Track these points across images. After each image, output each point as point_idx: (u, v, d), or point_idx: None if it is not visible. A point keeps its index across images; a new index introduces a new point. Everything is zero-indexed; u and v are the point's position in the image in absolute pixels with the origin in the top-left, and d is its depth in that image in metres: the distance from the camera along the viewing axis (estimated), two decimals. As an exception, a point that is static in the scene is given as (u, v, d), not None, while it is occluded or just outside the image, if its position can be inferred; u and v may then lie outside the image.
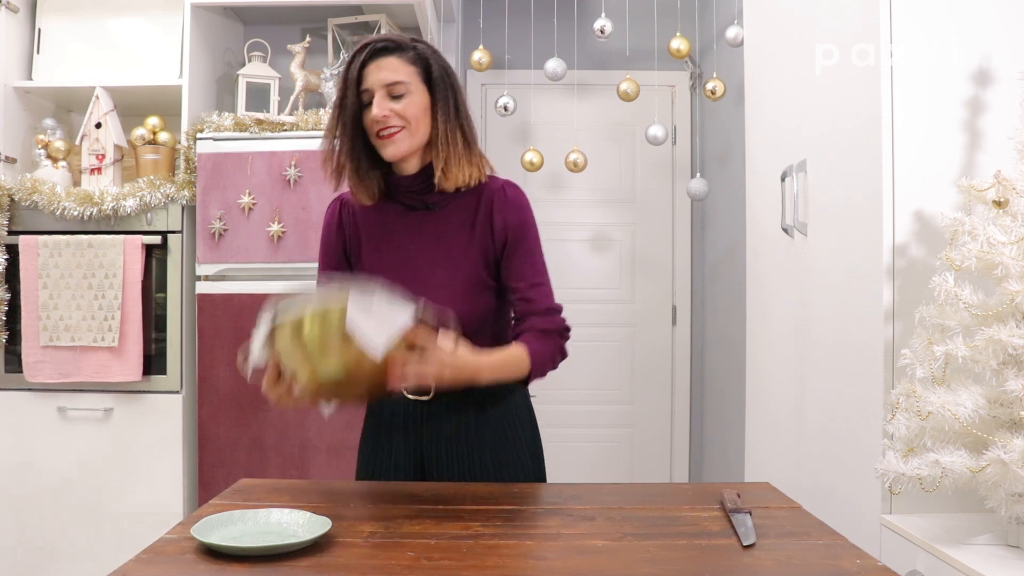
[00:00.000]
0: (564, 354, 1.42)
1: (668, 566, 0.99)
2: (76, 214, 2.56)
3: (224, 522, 1.09)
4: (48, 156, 2.71)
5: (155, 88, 2.75)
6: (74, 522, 2.58)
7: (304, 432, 2.56)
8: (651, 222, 3.77)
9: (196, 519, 1.11)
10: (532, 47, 3.40)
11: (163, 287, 2.62)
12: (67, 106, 2.97)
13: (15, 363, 2.61)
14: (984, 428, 1.11)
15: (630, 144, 3.75)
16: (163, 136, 2.76)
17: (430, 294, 1.33)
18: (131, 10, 2.80)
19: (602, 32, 3.11)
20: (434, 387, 1.19)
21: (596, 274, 3.75)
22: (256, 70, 2.76)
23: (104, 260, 2.56)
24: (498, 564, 0.99)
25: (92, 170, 2.68)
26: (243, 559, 1.00)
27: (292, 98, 2.74)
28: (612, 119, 3.72)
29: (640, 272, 3.76)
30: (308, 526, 1.08)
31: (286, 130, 2.62)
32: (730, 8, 3.15)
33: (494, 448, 1.44)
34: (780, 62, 1.93)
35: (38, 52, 2.79)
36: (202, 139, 2.61)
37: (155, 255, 2.61)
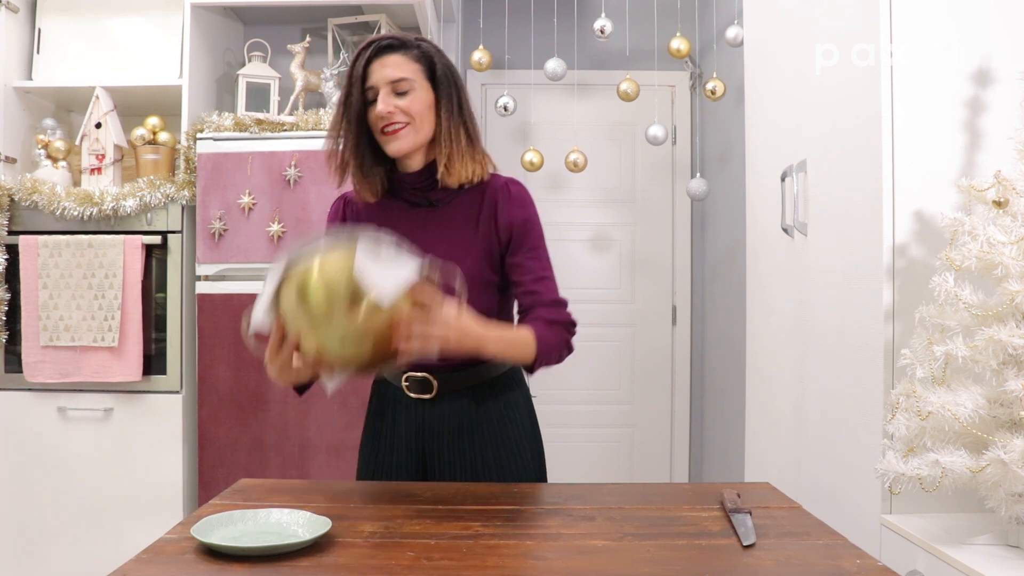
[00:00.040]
0: (570, 348, 1.41)
1: (668, 566, 0.99)
2: (76, 214, 2.56)
3: (224, 522, 1.09)
4: (48, 156, 2.71)
5: (155, 88, 2.75)
6: (74, 522, 2.59)
7: (304, 432, 2.56)
8: (651, 222, 3.77)
9: (196, 519, 1.11)
10: (532, 47, 3.40)
11: (163, 287, 2.62)
12: (67, 106, 2.97)
13: (15, 363, 2.61)
14: (984, 428, 1.11)
15: (630, 144, 3.75)
16: (163, 136, 2.76)
17: None
18: (131, 10, 2.80)
19: (602, 32, 3.11)
20: (438, 353, 1.16)
21: (596, 274, 3.75)
22: (256, 70, 2.76)
23: (104, 260, 2.56)
24: (498, 564, 0.99)
25: (92, 170, 2.68)
26: (243, 559, 1.00)
27: (292, 98, 2.74)
28: (612, 119, 3.72)
29: (640, 272, 3.76)
30: (308, 526, 1.08)
31: (286, 130, 2.62)
32: (730, 8, 3.15)
33: (496, 446, 1.44)
34: (780, 62, 1.93)
35: (38, 52, 2.79)
36: (202, 139, 2.61)
37: (155, 255, 2.62)
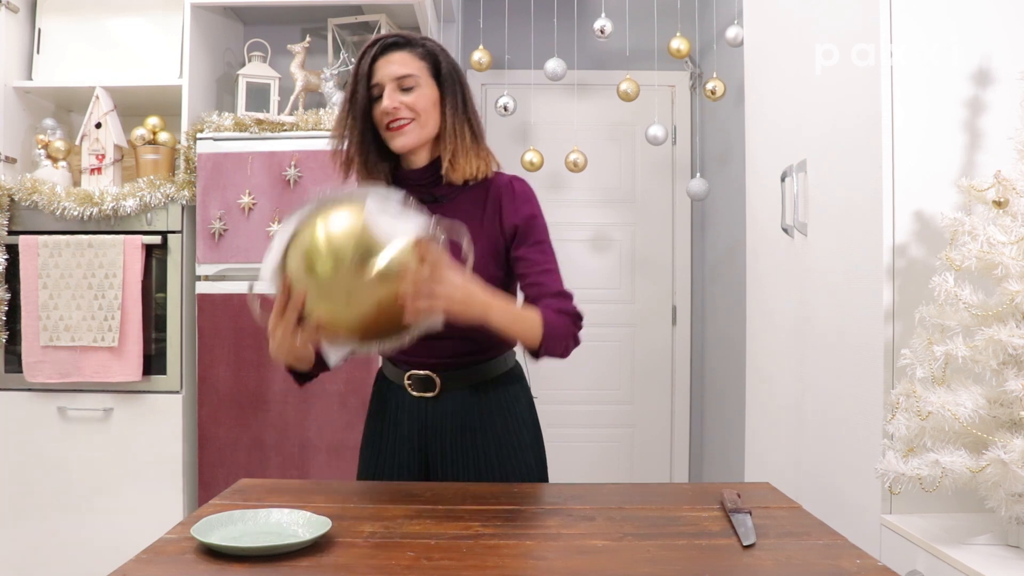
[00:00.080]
0: (577, 340, 1.40)
1: (668, 566, 0.99)
2: (76, 214, 2.56)
3: (224, 522, 1.09)
4: (48, 156, 2.71)
5: (155, 88, 2.75)
6: (74, 522, 2.59)
7: (304, 432, 2.56)
8: (651, 222, 3.77)
9: (196, 519, 1.11)
10: (532, 47, 3.40)
11: (163, 287, 2.62)
12: (67, 106, 2.97)
13: (15, 363, 2.61)
14: (984, 428, 1.11)
15: (630, 144, 3.75)
16: (163, 136, 2.76)
17: None
18: (131, 10, 2.80)
19: (602, 32, 3.11)
20: (444, 318, 1.15)
21: (596, 274, 3.75)
22: (256, 70, 2.75)
23: (104, 260, 2.56)
24: (498, 564, 0.99)
25: (92, 170, 2.68)
26: (243, 559, 1.00)
27: (292, 98, 2.74)
28: (612, 119, 3.72)
29: (640, 272, 3.76)
30: (308, 526, 1.08)
31: (286, 130, 2.62)
32: (730, 8, 3.15)
33: (499, 445, 1.44)
34: (780, 62, 1.93)
35: (38, 52, 2.79)
36: (202, 139, 2.61)
37: (155, 255, 2.62)
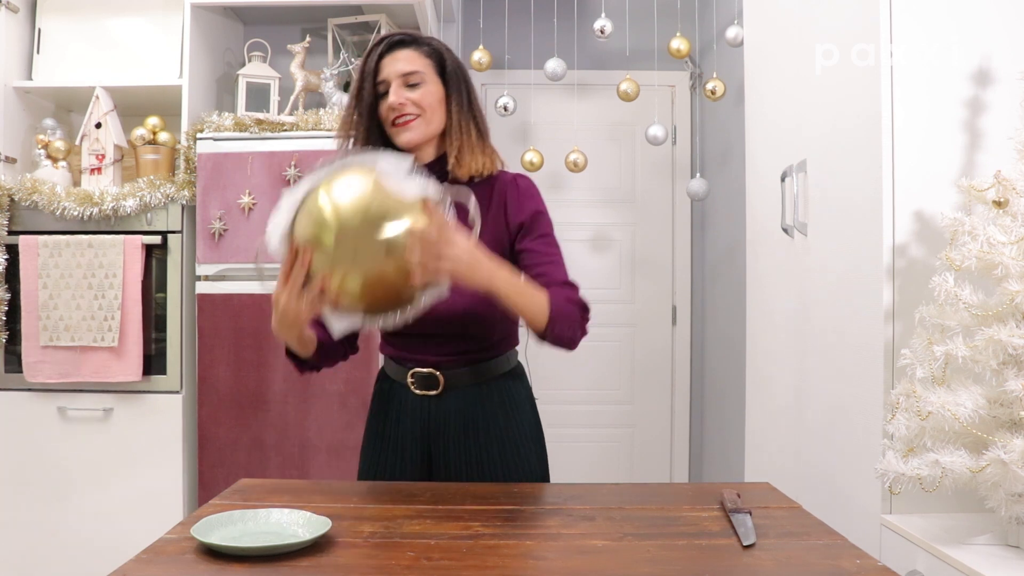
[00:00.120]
0: (584, 331, 1.40)
1: (668, 566, 0.99)
2: (76, 214, 2.56)
3: (224, 522, 1.09)
4: (48, 156, 2.71)
5: (155, 88, 2.75)
6: (74, 522, 2.58)
7: (304, 432, 2.56)
8: (651, 222, 3.77)
9: (196, 519, 1.11)
10: (532, 47, 3.39)
11: (163, 287, 2.62)
12: (67, 106, 2.97)
13: (15, 363, 2.61)
14: (984, 428, 1.11)
15: (630, 144, 3.75)
16: (163, 136, 2.76)
17: None
18: (131, 10, 2.80)
19: (602, 32, 3.11)
20: (449, 283, 1.16)
21: (596, 274, 3.75)
22: (256, 70, 2.75)
23: (104, 260, 2.55)
24: (498, 564, 0.99)
25: (92, 170, 2.68)
26: (243, 559, 1.00)
27: (292, 98, 2.74)
28: (612, 119, 3.72)
29: (640, 272, 3.76)
30: (308, 526, 1.08)
31: (286, 130, 2.62)
32: (730, 8, 3.15)
33: (501, 443, 1.45)
34: (780, 62, 1.93)
35: (38, 52, 2.79)
36: (202, 139, 2.61)
37: (155, 255, 2.62)
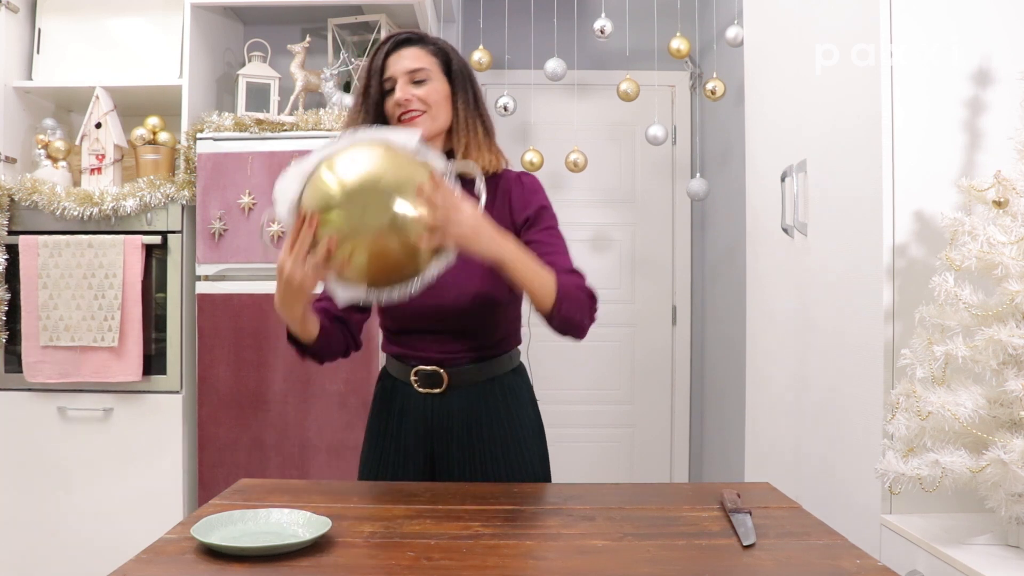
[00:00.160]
0: (593, 317, 1.39)
1: (668, 566, 0.99)
2: (76, 214, 2.56)
3: (224, 522, 1.09)
4: (48, 156, 2.71)
5: (155, 88, 2.75)
6: (74, 522, 2.58)
7: (304, 432, 2.56)
8: (651, 222, 3.77)
9: (196, 519, 1.11)
10: (532, 47, 3.39)
11: (163, 287, 2.62)
12: (67, 106, 2.97)
13: (15, 363, 2.61)
14: (984, 428, 1.11)
15: (630, 144, 3.75)
16: (163, 136, 2.76)
17: (448, 276, 1.33)
18: (131, 10, 2.80)
19: (602, 32, 3.11)
20: (457, 249, 1.19)
21: (596, 274, 3.70)
22: (256, 70, 2.75)
23: (104, 260, 2.55)
24: (498, 564, 0.99)
25: (92, 170, 2.68)
26: (243, 559, 1.00)
27: (292, 98, 2.74)
28: (612, 119, 3.72)
29: (640, 272, 3.76)
30: (308, 526, 1.08)
31: (286, 130, 2.62)
32: (730, 8, 3.15)
33: (504, 442, 1.45)
34: (780, 62, 1.93)
35: (38, 52, 2.79)
36: (202, 139, 2.61)
37: (155, 255, 2.61)
